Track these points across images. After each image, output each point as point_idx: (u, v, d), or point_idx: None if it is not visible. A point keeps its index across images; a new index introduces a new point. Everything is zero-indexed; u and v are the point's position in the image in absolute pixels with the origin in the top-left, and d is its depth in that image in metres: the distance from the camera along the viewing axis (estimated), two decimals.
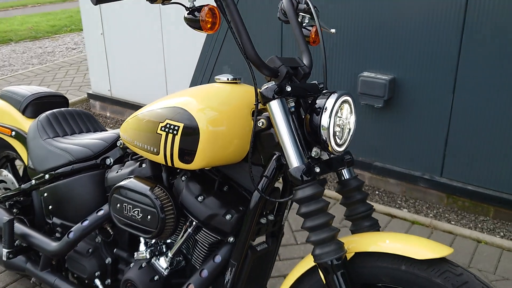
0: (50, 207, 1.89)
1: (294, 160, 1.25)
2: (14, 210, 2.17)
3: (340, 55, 3.16)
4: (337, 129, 1.29)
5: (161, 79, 4.13)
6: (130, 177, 1.57)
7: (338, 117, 1.28)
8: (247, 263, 1.48)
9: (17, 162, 2.43)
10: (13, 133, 2.07)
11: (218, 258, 1.48)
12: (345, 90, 1.36)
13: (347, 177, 1.42)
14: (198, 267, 1.57)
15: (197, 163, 1.38)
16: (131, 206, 1.51)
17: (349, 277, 1.23)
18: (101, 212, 1.74)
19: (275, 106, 1.27)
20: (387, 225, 2.86)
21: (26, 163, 2.06)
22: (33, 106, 2.08)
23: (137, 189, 1.50)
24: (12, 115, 2.10)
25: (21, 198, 2.19)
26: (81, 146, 1.83)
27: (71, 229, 1.74)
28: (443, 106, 2.85)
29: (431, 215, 3.00)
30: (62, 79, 5.80)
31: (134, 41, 4.21)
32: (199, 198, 1.46)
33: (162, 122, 1.43)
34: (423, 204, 3.13)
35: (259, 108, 1.30)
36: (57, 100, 2.17)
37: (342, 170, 1.42)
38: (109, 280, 1.78)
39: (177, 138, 1.39)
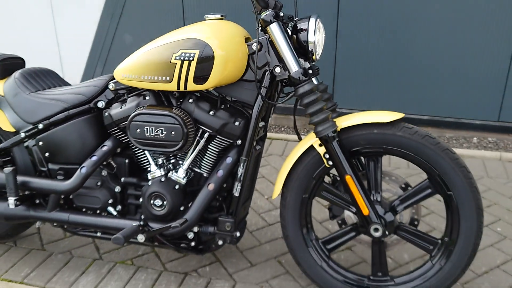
0: (47, 154, 2.05)
1: (293, 66, 1.71)
2: None
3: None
4: (317, 42, 1.78)
5: (55, 58, 4.13)
6: (143, 107, 1.86)
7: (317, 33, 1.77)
8: (252, 159, 1.91)
9: None
10: None
11: (229, 159, 1.88)
12: (315, 14, 1.85)
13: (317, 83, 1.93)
14: (205, 173, 1.94)
15: (209, 84, 1.75)
16: (153, 127, 1.81)
17: (341, 145, 1.75)
18: (105, 148, 1.98)
19: (275, 28, 1.71)
20: None
21: (2, 127, 2.14)
22: None
23: (159, 112, 1.80)
24: None
25: None
26: (74, 93, 2.02)
27: (83, 165, 1.95)
28: None
29: None
30: None
31: (19, 16, 4.10)
32: (211, 113, 1.83)
33: (176, 52, 1.75)
34: None
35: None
36: (17, 61, 2.26)
37: (316, 77, 1.92)
38: (119, 206, 2.04)
39: (193, 63, 1.73)
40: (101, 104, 2.02)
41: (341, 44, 3.62)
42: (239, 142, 1.88)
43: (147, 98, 1.90)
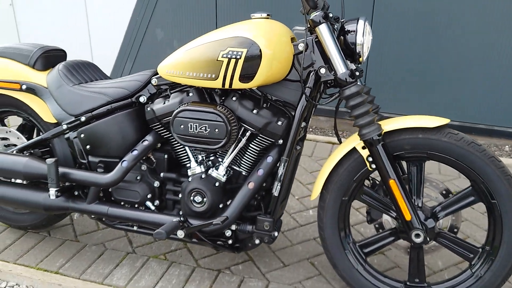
0: (88, 147, 2.07)
1: (341, 68, 1.70)
2: None
3: None
4: (365, 44, 1.77)
5: (86, 51, 4.17)
6: (187, 103, 1.87)
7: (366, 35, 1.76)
8: (293, 159, 1.91)
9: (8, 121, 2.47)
10: (24, 86, 2.16)
11: (270, 159, 1.87)
12: (364, 16, 1.84)
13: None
14: (245, 172, 1.94)
15: (254, 83, 1.75)
16: (197, 124, 1.82)
17: (385, 148, 1.74)
18: (146, 142, 2.00)
19: (324, 29, 1.70)
20: None
21: (42, 116, 2.17)
22: (42, 59, 2.19)
23: (203, 109, 1.81)
24: (20, 70, 2.18)
25: (32, 151, 2.29)
26: (117, 87, 2.03)
27: (124, 159, 1.96)
28: None
29: None
30: None
31: (51, 11, 4.16)
32: (254, 111, 1.83)
33: (223, 50, 1.75)
34: None
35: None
36: (60, 53, 2.29)
37: (360, 80, 1.91)
38: (157, 201, 2.05)
39: (240, 61, 1.73)
40: (143, 99, 2.03)
41: (372, 47, 3.60)
42: (280, 141, 1.88)
43: (190, 94, 1.91)
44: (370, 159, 1.78)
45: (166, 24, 3.83)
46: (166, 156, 2.06)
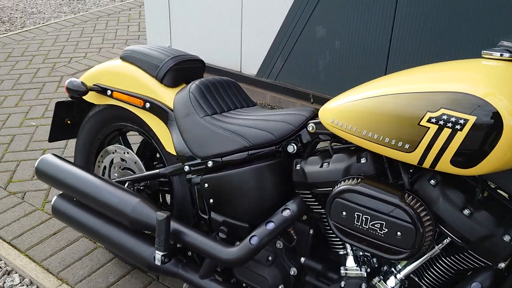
0: (211, 201, 1.55)
1: None
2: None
3: None
4: None
5: (236, 38, 3.71)
6: (356, 177, 1.23)
7: None
8: None
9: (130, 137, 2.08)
10: (147, 104, 1.70)
11: (477, 285, 1.16)
12: None
13: None
14: None
15: (481, 169, 1.04)
16: (369, 217, 1.17)
17: None
18: (287, 212, 1.41)
19: None
20: None
21: (163, 144, 1.70)
22: (173, 73, 1.70)
23: (381, 196, 1.15)
24: (146, 83, 1.72)
25: (148, 182, 1.86)
26: (260, 128, 1.46)
27: (254, 233, 1.40)
28: None
29: None
30: (104, 30, 5.32)
31: (208, 5, 3.75)
32: (465, 212, 1.12)
33: (432, 112, 1.07)
34: None
35: None
36: (196, 65, 1.79)
37: None
38: None
39: (461, 134, 1.03)
40: (292, 149, 1.44)
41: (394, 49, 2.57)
42: (502, 265, 1.15)
43: (362, 161, 1.26)
44: None
45: (329, 21, 3.20)
46: (311, 231, 1.46)
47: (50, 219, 2.36)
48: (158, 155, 2.02)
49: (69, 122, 2.09)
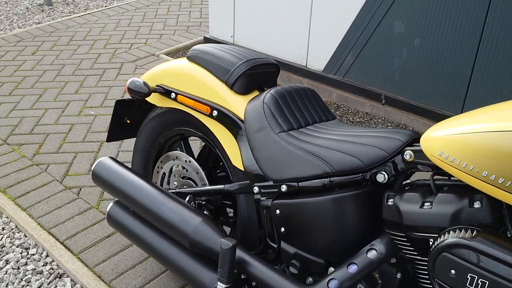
0: (283, 229, 1.36)
1: None
2: (205, 212, 1.67)
3: None
4: None
5: (303, 30, 3.47)
6: (469, 227, 0.99)
7: None
8: None
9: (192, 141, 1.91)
10: (215, 112, 1.52)
11: None
12: None
13: None
14: None
15: None
16: (487, 283, 0.94)
17: None
18: (373, 254, 1.20)
19: None
20: None
21: (230, 157, 1.52)
22: (245, 79, 1.51)
23: (508, 259, 0.92)
24: (214, 88, 1.54)
25: (210, 197, 1.69)
26: (345, 152, 1.25)
27: (333, 276, 1.20)
28: None
29: None
30: (165, 16, 5.22)
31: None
32: None
33: None
34: None
35: None
36: (270, 69, 1.59)
37: None
38: None
39: None
40: (382, 178, 1.21)
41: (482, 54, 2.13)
42: None
43: (476, 206, 1.03)
44: None
45: (409, 16, 2.90)
46: (399, 275, 1.24)
47: (104, 220, 2.26)
48: (221, 163, 1.86)
49: (128, 121, 1.96)
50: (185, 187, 1.77)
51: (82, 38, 4.61)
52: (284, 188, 1.33)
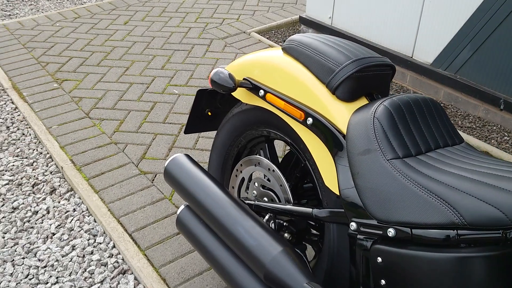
0: (383, 282, 1.07)
1: None
2: (285, 235, 1.42)
3: None
4: None
5: (413, 15, 3.05)
6: None
7: None
8: None
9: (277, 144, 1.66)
10: (309, 120, 1.25)
11: None
12: None
13: None
14: None
15: None
16: None
17: None
18: None
19: None
20: None
21: (322, 175, 1.25)
22: (353, 82, 1.21)
23: None
24: (312, 91, 1.27)
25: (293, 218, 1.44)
26: (482, 199, 0.93)
27: None
28: None
29: None
30: None
31: None
32: None
33: None
34: None
35: None
36: (384, 72, 1.28)
37: None
38: None
39: None
40: None
41: None
42: None
43: None
44: None
45: None
46: None
47: (175, 214, 2.10)
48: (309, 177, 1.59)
49: (209, 113, 1.74)
50: (265, 199, 1.53)
51: (175, 10, 4.48)
52: (391, 232, 1.03)
